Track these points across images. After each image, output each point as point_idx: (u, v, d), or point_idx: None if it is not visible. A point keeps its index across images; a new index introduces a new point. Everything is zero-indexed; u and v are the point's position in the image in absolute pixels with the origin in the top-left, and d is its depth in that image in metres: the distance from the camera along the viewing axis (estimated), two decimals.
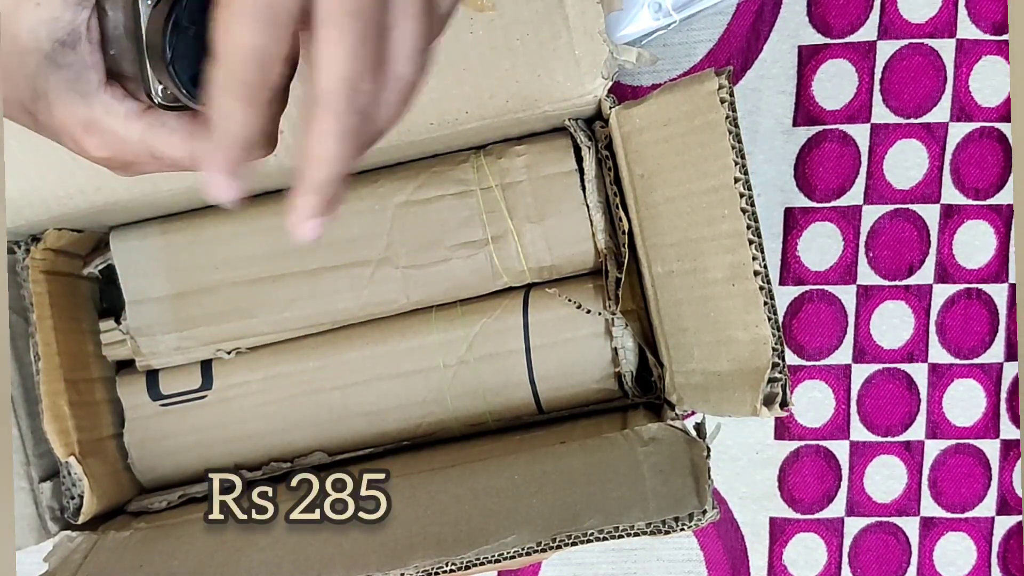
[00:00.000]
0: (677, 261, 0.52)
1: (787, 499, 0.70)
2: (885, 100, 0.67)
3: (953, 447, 0.70)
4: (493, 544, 0.46)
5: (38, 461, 0.59)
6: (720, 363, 0.50)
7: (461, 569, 0.45)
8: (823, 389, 0.70)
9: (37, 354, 0.57)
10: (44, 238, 0.59)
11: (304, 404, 0.63)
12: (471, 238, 0.60)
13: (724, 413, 0.51)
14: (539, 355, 0.61)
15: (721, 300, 0.49)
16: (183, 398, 0.64)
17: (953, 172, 0.68)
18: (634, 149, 0.54)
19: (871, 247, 0.68)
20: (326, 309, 0.62)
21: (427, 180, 0.60)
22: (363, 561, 0.47)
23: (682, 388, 0.56)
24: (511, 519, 0.48)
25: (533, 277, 0.62)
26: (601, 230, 0.59)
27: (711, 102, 0.46)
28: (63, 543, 0.57)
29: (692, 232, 0.50)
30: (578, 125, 0.59)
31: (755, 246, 0.46)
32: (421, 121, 0.54)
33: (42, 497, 0.59)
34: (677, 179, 0.50)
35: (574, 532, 0.45)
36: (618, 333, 0.60)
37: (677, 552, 0.71)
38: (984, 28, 0.66)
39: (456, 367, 0.62)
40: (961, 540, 0.70)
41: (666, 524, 0.45)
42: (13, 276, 0.59)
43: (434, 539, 0.48)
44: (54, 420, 0.57)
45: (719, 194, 0.47)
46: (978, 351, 0.69)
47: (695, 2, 0.62)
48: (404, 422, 0.63)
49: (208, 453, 0.64)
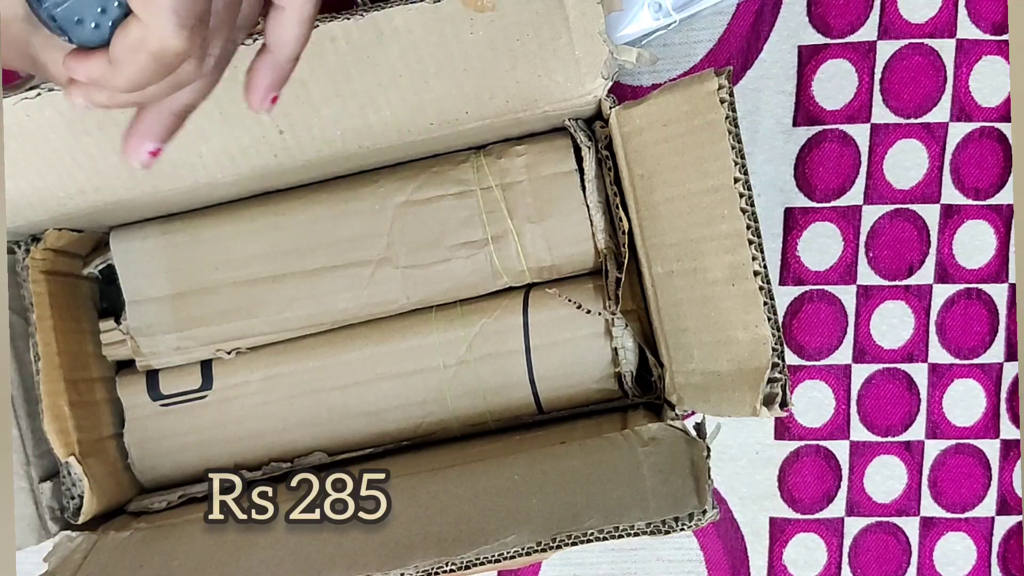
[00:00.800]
0: (677, 261, 0.52)
1: (787, 499, 0.70)
2: (885, 100, 0.67)
3: (953, 447, 0.70)
4: (493, 544, 0.46)
5: (38, 461, 0.59)
6: (720, 363, 0.50)
7: (461, 569, 0.45)
8: (823, 389, 0.70)
9: (37, 354, 0.57)
10: (44, 238, 0.59)
11: (304, 404, 0.63)
12: (471, 238, 0.60)
13: (724, 413, 0.51)
14: (539, 355, 0.61)
15: (721, 300, 0.49)
16: (183, 398, 0.64)
17: (953, 172, 0.68)
18: (634, 149, 0.54)
19: (871, 247, 0.68)
20: (326, 309, 0.62)
21: (427, 180, 0.60)
22: (363, 561, 0.47)
23: (682, 388, 0.56)
24: (511, 519, 0.48)
25: (533, 277, 0.62)
26: (601, 230, 0.59)
27: (711, 102, 0.46)
28: (63, 543, 0.57)
29: (692, 232, 0.50)
30: (578, 125, 0.59)
31: (755, 246, 0.46)
32: (421, 121, 0.54)
33: (42, 497, 0.59)
34: (677, 179, 0.50)
35: (574, 532, 0.45)
36: (618, 333, 0.60)
37: (677, 552, 0.71)
38: (984, 28, 0.66)
39: (456, 367, 0.62)
40: (961, 540, 0.70)
41: (666, 524, 0.45)
42: (13, 276, 0.59)
43: (434, 539, 0.48)
44: (54, 420, 0.57)
45: (719, 194, 0.47)
46: (978, 351, 0.69)
47: (695, 2, 0.62)
48: (404, 422, 0.63)
49: (208, 453, 0.64)
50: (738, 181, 0.46)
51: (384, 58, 0.50)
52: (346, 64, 0.50)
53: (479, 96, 0.53)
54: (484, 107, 0.54)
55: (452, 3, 0.48)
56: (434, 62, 0.51)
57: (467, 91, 0.52)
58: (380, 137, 0.55)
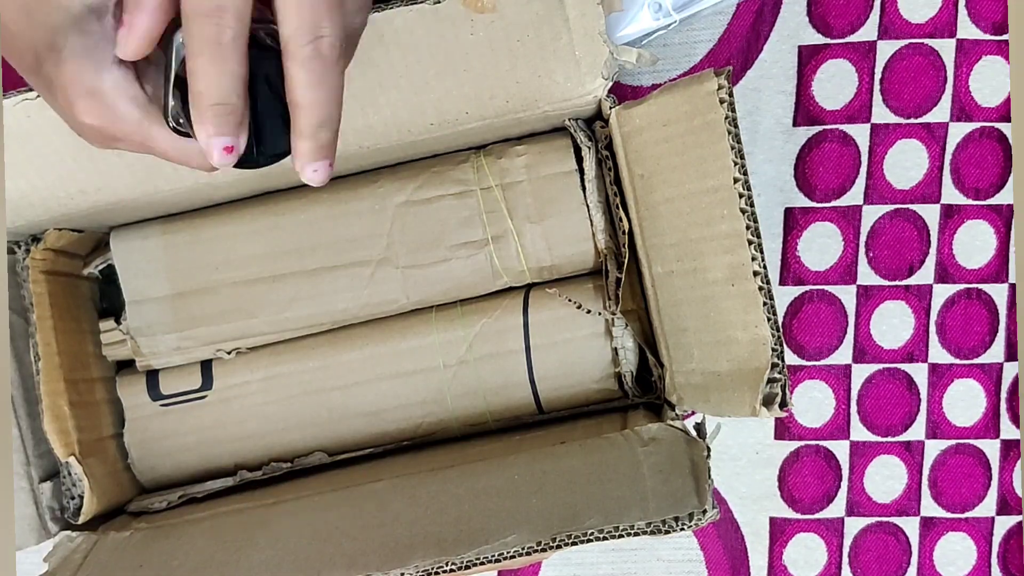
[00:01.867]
0: (677, 261, 0.52)
1: (787, 499, 0.70)
2: (885, 100, 0.67)
3: (953, 447, 0.70)
4: (493, 544, 0.45)
5: (38, 461, 0.59)
6: (720, 363, 0.50)
7: (461, 569, 0.45)
8: (823, 389, 0.70)
9: (37, 354, 0.57)
10: (44, 238, 0.59)
11: (304, 404, 0.63)
12: (471, 238, 0.60)
13: (724, 413, 0.51)
14: (539, 355, 0.61)
15: (721, 300, 0.49)
16: (183, 398, 0.64)
17: (953, 172, 0.68)
18: (634, 149, 0.54)
19: (871, 247, 0.68)
20: (326, 309, 0.62)
21: (427, 180, 0.60)
22: (363, 561, 0.47)
23: (682, 388, 0.56)
24: (511, 519, 0.48)
25: (533, 277, 0.62)
26: (601, 230, 0.59)
27: (711, 102, 0.46)
28: (63, 543, 0.57)
29: (692, 232, 0.50)
30: (578, 125, 0.59)
31: (754, 246, 0.46)
32: (421, 121, 0.54)
33: (42, 497, 0.59)
34: (677, 179, 0.50)
35: (574, 532, 0.45)
36: (618, 333, 0.60)
37: (677, 552, 0.71)
38: (984, 28, 0.66)
39: (456, 367, 0.62)
40: (961, 540, 0.70)
41: (666, 524, 0.45)
42: (13, 276, 0.59)
43: (434, 539, 0.48)
44: (54, 420, 0.57)
45: (718, 194, 0.47)
46: (978, 351, 0.69)
47: (695, 2, 0.62)
48: (404, 422, 0.63)
49: (208, 453, 0.64)
50: (737, 181, 0.46)
51: (384, 59, 0.50)
52: None
53: (479, 96, 0.53)
54: (484, 107, 0.54)
55: (452, 4, 0.48)
56: (434, 63, 0.51)
57: (467, 92, 0.52)
58: (381, 137, 0.55)
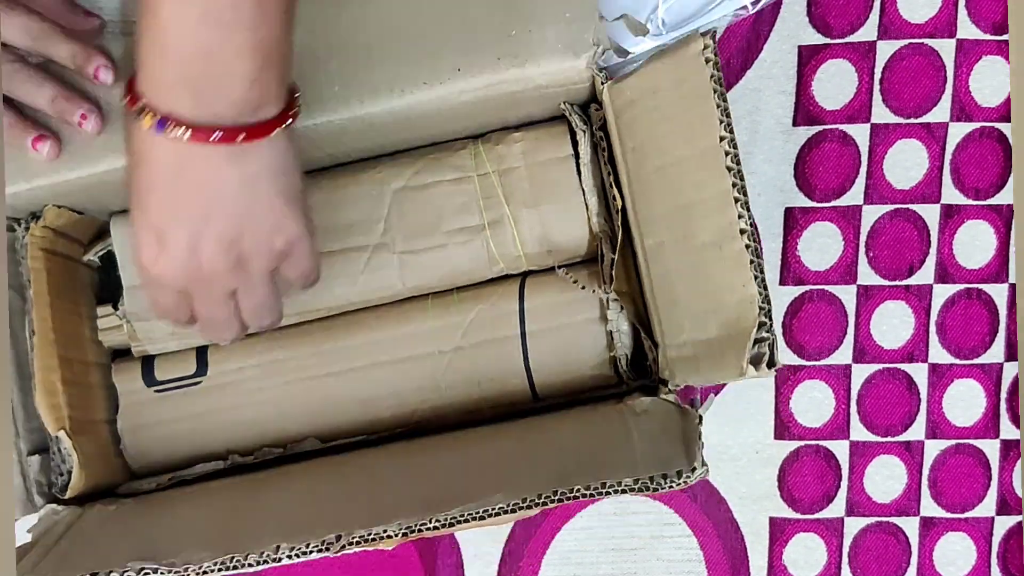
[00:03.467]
0: (667, 231, 0.52)
1: (787, 499, 0.69)
2: (885, 100, 0.67)
3: (953, 447, 0.69)
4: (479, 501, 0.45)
5: (28, 435, 0.58)
6: (709, 330, 0.50)
7: (445, 526, 0.44)
8: (823, 389, 0.69)
9: (32, 330, 0.57)
10: (43, 215, 0.59)
11: (299, 391, 0.63)
12: (468, 224, 0.60)
13: (714, 380, 0.50)
14: (535, 341, 0.61)
15: (710, 265, 0.49)
16: (178, 384, 0.63)
17: (953, 172, 0.68)
18: (626, 123, 0.54)
19: (871, 247, 0.68)
20: (322, 295, 0.61)
21: (425, 166, 0.61)
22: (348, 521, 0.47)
23: (674, 363, 0.55)
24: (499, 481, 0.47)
25: (529, 263, 0.61)
26: (596, 213, 0.59)
27: (697, 64, 0.47)
28: (48, 516, 0.56)
29: (681, 198, 0.50)
30: (573, 109, 0.59)
31: (741, 204, 0.46)
32: (414, 78, 0.54)
33: (29, 470, 0.58)
34: (667, 147, 0.50)
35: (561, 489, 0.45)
36: (613, 316, 0.60)
37: (677, 552, 0.70)
38: (984, 28, 0.67)
39: (451, 354, 0.61)
40: (961, 540, 0.69)
41: (654, 481, 0.44)
42: (12, 254, 0.59)
43: (420, 500, 0.47)
44: (46, 395, 0.57)
45: (706, 157, 0.47)
46: (978, 351, 0.69)
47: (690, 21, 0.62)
48: (399, 409, 0.62)
49: (201, 439, 0.63)
50: (723, 140, 0.46)
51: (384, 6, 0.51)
52: (341, 20, 0.53)
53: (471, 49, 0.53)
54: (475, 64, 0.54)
55: None
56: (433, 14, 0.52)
57: (459, 44, 0.53)
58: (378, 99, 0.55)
